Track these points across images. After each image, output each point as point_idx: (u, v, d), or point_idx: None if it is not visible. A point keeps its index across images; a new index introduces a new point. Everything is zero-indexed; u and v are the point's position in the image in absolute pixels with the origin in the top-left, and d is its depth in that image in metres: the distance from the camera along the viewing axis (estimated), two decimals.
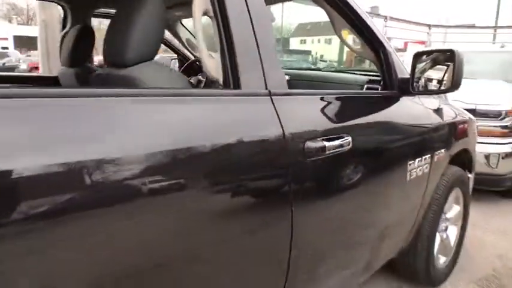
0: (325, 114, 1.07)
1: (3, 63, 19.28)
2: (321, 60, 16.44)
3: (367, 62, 2.36)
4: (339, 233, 1.22)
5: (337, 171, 1.09)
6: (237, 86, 0.86)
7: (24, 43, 35.41)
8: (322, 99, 1.12)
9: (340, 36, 1.47)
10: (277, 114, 0.90)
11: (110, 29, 0.98)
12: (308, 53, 23.44)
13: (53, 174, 0.55)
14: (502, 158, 3.04)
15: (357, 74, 1.86)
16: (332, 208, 1.13)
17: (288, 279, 1.02)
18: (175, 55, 2.91)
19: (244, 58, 0.87)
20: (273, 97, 0.91)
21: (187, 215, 0.73)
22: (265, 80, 0.91)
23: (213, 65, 0.89)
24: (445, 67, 1.34)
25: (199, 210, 0.76)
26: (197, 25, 0.90)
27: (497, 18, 12.34)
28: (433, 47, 10.26)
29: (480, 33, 10.42)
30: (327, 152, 0.99)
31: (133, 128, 0.67)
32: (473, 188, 2.98)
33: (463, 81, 1.37)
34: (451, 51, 1.29)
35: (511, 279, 2.09)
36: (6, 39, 35.06)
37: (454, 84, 1.29)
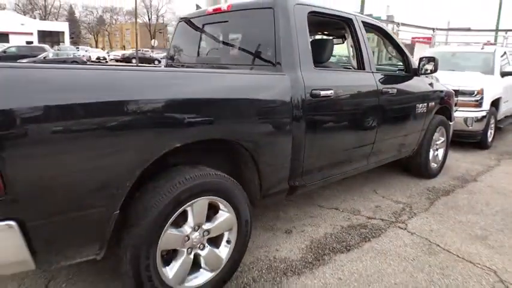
0: (386, 79, 2.87)
1: (44, 57, 21.29)
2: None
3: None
4: (391, 134, 3.02)
5: (391, 102, 2.89)
6: (363, 68, 2.67)
7: (48, 38, 37.49)
8: (385, 74, 2.92)
9: (387, 49, 3.28)
10: (374, 79, 2.71)
11: (314, 45, 2.77)
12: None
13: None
14: (475, 121, 4.82)
15: (393, 66, 3.66)
16: (390, 122, 2.92)
17: (373, 147, 2.84)
18: None
19: (365, 60, 2.68)
20: (373, 73, 2.72)
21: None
22: (370, 67, 2.71)
23: (354, 62, 2.71)
24: (433, 63, 3.13)
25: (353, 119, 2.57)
26: (349, 48, 2.71)
27: (498, 22, 13.96)
28: (437, 46, 12.02)
29: (475, 35, 12.16)
30: (389, 93, 2.80)
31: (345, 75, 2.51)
32: (457, 140, 4.79)
33: (457, 73, 3.13)
34: (433, 58, 3.09)
35: (469, 176, 3.94)
36: (31, 34, 37.14)
37: (434, 70, 3.10)
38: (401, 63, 3.41)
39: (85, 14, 61.55)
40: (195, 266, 1.78)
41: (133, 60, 29.82)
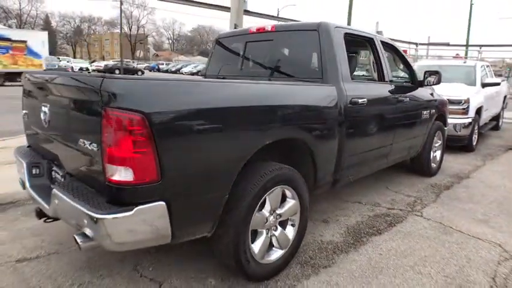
0: (400, 89, 3.37)
1: None
2: None
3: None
4: (404, 136, 3.50)
5: (405, 109, 3.38)
6: (383, 80, 3.15)
7: None
8: (399, 85, 3.42)
9: (397, 65, 3.80)
10: (391, 86, 3.19)
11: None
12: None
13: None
14: (463, 127, 5.44)
15: (401, 78, 4.20)
16: (404, 126, 3.41)
17: (392, 145, 3.30)
18: None
19: (384, 72, 3.16)
20: (390, 83, 3.21)
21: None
22: (388, 77, 3.20)
23: (375, 74, 3.19)
24: (436, 75, 3.67)
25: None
26: (371, 62, 3.19)
27: (468, 38, 15.27)
28: (419, 59, 13.06)
29: (452, 49, 13.31)
30: (403, 101, 3.29)
31: (371, 86, 2.98)
32: (447, 145, 5.37)
33: (444, 84, 3.71)
34: (437, 71, 3.63)
35: (462, 174, 4.51)
36: None
37: (438, 82, 3.63)
38: (400, 75, 3.94)
39: (62, 23, 60.57)
40: (269, 244, 2.15)
41: (117, 71, 29.67)
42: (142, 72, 32.71)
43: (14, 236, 2.61)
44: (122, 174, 1.43)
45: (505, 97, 8.36)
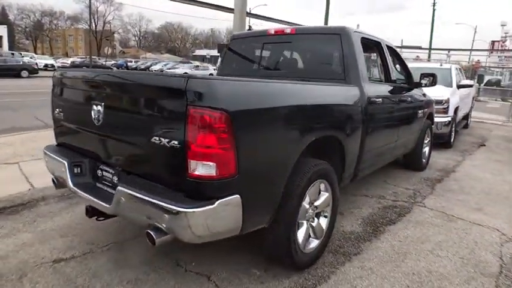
0: (403, 90, 3.64)
1: None
2: None
3: None
4: (405, 133, 3.78)
5: (406, 108, 3.66)
6: (390, 81, 3.40)
7: None
8: (401, 86, 3.70)
9: (395, 67, 4.08)
10: (396, 87, 3.45)
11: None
12: None
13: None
14: (443, 125, 5.89)
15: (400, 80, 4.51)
16: (405, 123, 3.69)
17: (397, 141, 3.56)
18: None
19: (390, 73, 3.41)
20: (395, 83, 3.46)
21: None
22: (393, 77, 3.45)
23: (382, 75, 3.43)
24: (431, 77, 3.99)
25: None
26: (378, 63, 3.43)
27: (430, 41, 16.42)
28: None
29: (423, 53, 14.26)
30: (406, 101, 3.57)
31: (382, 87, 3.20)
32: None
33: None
34: (433, 74, 3.96)
35: (448, 168, 4.91)
36: None
37: (433, 83, 3.96)
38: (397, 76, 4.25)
39: (20, 17, 56.88)
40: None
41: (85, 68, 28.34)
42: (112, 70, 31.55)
43: (40, 238, 2.56)
44: (205, 169, 1.51)
45: (473, 98, 9.09)
